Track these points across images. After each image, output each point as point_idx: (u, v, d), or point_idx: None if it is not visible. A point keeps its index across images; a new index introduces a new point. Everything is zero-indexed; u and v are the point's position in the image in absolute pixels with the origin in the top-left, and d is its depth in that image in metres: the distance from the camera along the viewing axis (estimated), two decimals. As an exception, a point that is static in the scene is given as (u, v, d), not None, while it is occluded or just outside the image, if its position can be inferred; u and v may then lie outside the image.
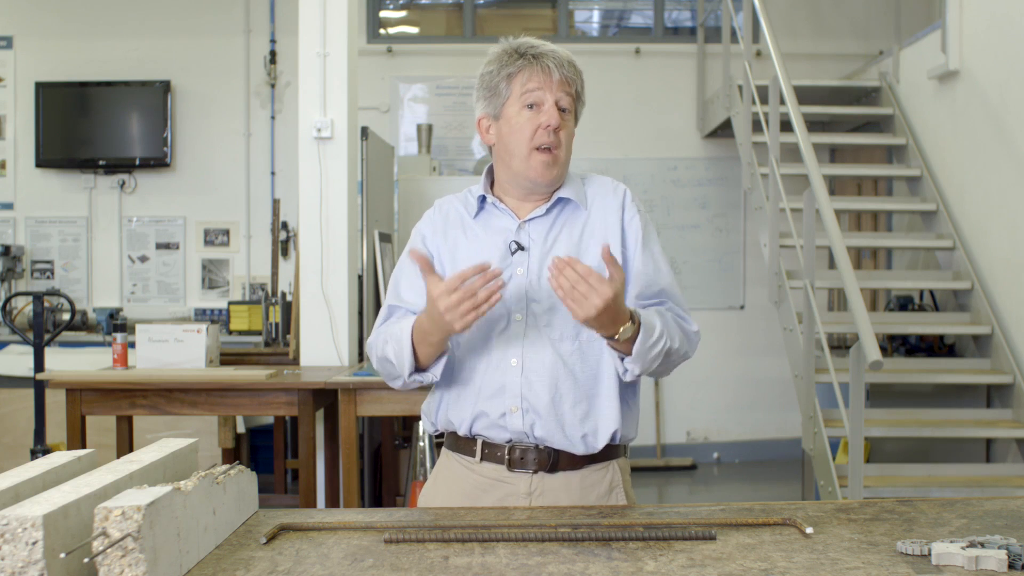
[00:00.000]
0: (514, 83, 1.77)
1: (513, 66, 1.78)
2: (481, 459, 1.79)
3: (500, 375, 1.76)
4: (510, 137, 1.79)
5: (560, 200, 1.83)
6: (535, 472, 1.77)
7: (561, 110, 1.77)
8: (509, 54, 1.79)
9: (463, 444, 1.82)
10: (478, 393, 1.77)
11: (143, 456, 1.49)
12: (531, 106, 1.77)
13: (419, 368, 1.77)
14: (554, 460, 1.77)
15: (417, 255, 1.70)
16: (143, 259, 6.71)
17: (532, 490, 1.77)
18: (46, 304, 5.37)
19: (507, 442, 1.77)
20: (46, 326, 4.62)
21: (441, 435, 1.91)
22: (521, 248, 1.80)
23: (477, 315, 1.62)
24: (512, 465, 1.77)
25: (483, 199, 1.86)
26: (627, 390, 1.81)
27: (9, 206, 6.69)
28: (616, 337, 1.66)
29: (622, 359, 1.72)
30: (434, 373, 1.77)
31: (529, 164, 1.78)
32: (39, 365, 4.24)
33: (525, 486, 1.77)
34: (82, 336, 6.15)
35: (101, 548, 1.14)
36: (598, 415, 1.77)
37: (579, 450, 1.77)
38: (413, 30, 7.33)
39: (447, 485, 1.85)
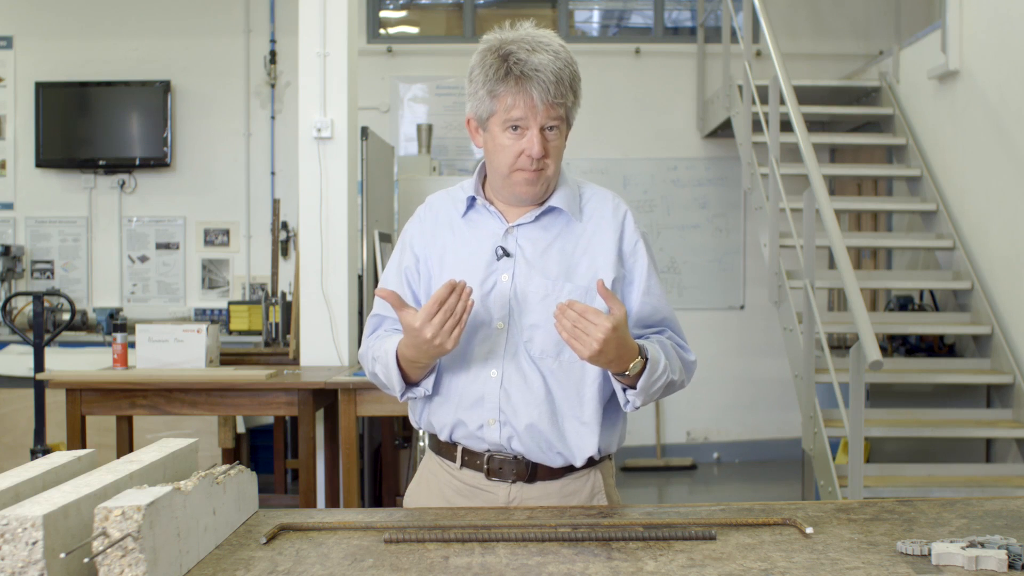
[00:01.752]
0: (497, 102, 1.68)
1: (498, 83, 1.66)
2: (461, 465, 1.79)
3: (479, 386, 1.74)
4: (494, 153, 1.73)
5: (551, 209, 1.78)
6: (513, 482, 1.76)
7: (550, 129, 1.69)
8: (495, 63, 1.67)
9: (444, 448, 1.82)
10: (458, 402, 1.76)
11: (143, 456, 1.49)
12: (515, 127, 1.69)
13: (410, 383, 1.77)
14: (532, 471, 1.75)
15: (385, 292, 1.67)
16: (143, 259, 6.71)
17: (511, 499, 1.76)
18: (46, 304, 5.37)
19: (486, 451, 1.76)
20: (46, 326, 4.62)
21: None
22: (507, 254, 1.75)
23: (461, 328, 1.62)
24: (490, 474, 1.76)
25: (473, 199, 1.82)
26: (610, 410, 1.78)
27: (9, 206, 6.69)
28: (627, 373, 1.65)
29: (624, 390, 1.70)
30: (425, 387, 1.77)
31: (512, 181, 1.73)
32: (39, 365, 4.24)
33: (504, 495, 1.76)
34: (82, 336, 6.15)
35: (101, 548, 1.14)
36: (578, 436, 1.74)
37: (557, 464, 1.76)
38: (413, 30, 7.33)
39: (429, 487, 1.84)
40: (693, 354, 1.82)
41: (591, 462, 1.78)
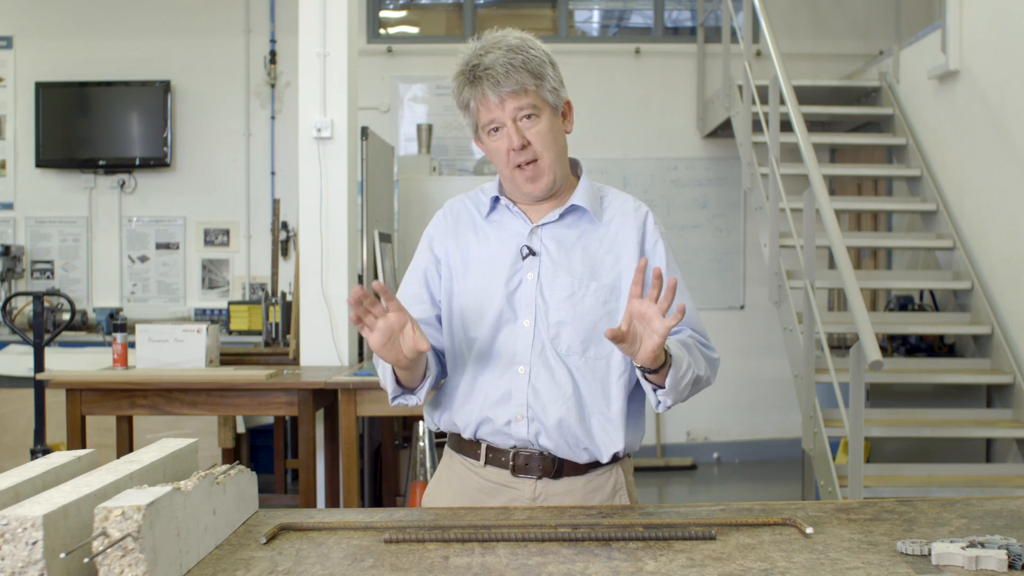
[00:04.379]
0: (471, 113, 1.75)
1: (464, 93, 1.74)
2: (485, 463, 1.79)
3: (507, 382, 1.75)
4: (492, 159, 1.79)
5: (574, 208, 1.81)
6: (539, 478, 1.76)
7: (526, 117, 1.72)
8: (460, 76, 1.74)
9: (467, 447, 1.82)
10: (484, 398, 1.76)
11: (143, 456, 1.49)
12: (495, 129, 1.74)
13: (405, 389, 1.77)
14: (558, 467, 1.76)
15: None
16: (143, 259, 6.71)
17: (536, 495, 1.77)
18: (46, 304, 5.36)
19: (511, 448, 1.77)
20: (46, 326, 4.62)
21: (443, 434, 1.90)
22: (532, 253, 1.78)
23: (372, 329, 1.61)
24: (516, 471, 1.77)
25: (496, 200, 1.84)
26: (634, 407, 1.80)
27: (9, 206, 6.68)
28: (656, 370, 1.64)
29: (655, 390, 1.70)
30: (419, 396, 1.78)
31: (515, 182, 1.77)
32: (39, 365, 4.24)
33: (530, 491, 1.77)
34: (82, 336, 6.15)
35: (101, 548, 1.14)
36: (605, 433, 1.76)
37: (583, 459, 1.77)
38: (413, 30, 7.33)
39: (451, 486, 1.84)
40: (716, 352, 1.84)
41: (614, 458, 1.79)
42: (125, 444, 4.10)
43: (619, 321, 1.72)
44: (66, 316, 5.64)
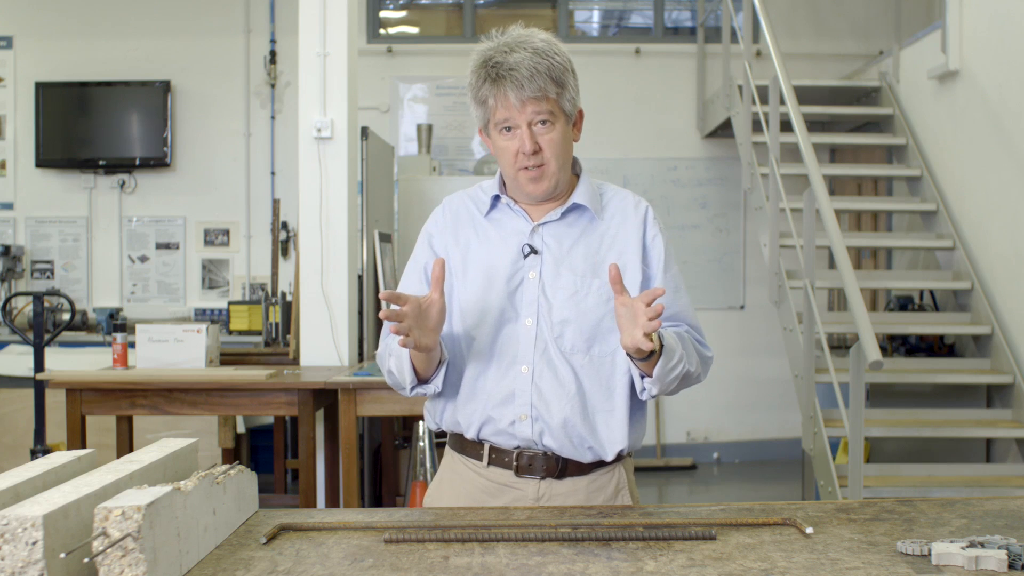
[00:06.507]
0: (487, 109, 1.73)
1: (483, 88, 1.71)
2: (488, 464, 1.79)
3: (510, 381, 1.75)
4: (499, 157, 1.78)
5: (575, 206, 1.81)
6: (543, 478, 1.76)
7: (541, 123, 1.72)
8: (480, 70, 1.71)
9: (470, 447, 1.81)
10: (487, 398, 1.76)
11: (143, 456, 1.49)
12: (508, 128, 1.73)
13: (421, 380, 1.77)
14: (562, 467, 1.76)
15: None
16: (143, 259, 6.71)
17: (540, 495, 1.76)
18: (46, 304, 5.36)
19: (515, 448, 1.76)
20: (46, 326, 4.62)
21: (442, 434, 1.90)
22: (534, 251, 1.78)
23: (406, 335, 1.61)
24: (520, 471, 1.76)
25: (497, 198, 1.84)
26: (636, 405, 1.80)
27: (9, 206, 6.68)
28: (646, 358, 1.64)
29: (642, 377, 1.71)
30: (435, 384, 1.77)
31: (518, 182, 1.77)
32: (39, 365, 4.24)
33: (533, 491, 1.76)
34: (82, 336, 6.14)
35: (101, 548, 1.14)
36: (608, 430, 1.76)
37: (587, 459, 1.77)
38: (413, 30, 7.33)
39: (453, 487, 1.84)
40: (710, 350, 1.85)
41: (618, 457, 1.79)
42: (125, 444, 4.10)
43: None
44: (66, 316, 5.63)
